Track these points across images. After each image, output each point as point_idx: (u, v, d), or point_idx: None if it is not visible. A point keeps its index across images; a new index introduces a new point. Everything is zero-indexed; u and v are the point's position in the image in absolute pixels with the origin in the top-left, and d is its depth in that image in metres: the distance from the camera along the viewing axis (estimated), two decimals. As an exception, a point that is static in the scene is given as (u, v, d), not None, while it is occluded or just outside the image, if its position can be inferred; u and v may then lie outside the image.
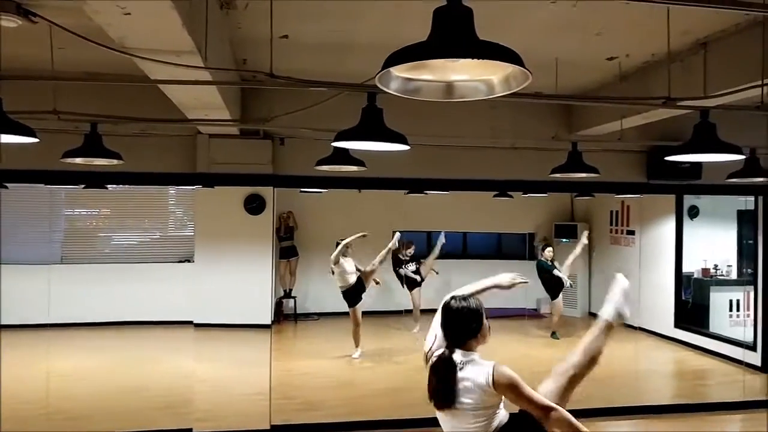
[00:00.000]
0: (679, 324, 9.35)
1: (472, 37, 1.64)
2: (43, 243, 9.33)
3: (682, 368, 8.79)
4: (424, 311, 9.01)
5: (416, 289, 9.22)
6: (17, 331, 7.23)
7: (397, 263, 9.27)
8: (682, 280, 9.46)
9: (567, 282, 9.37)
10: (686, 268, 9.48)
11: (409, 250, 9.22)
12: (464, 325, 2.78)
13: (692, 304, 9.54)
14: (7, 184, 7.58)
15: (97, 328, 8.73)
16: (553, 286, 9.41)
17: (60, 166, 5.19)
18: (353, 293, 8.29)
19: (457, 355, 2.75)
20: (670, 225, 9.48)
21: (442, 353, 2.77)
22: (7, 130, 3.70)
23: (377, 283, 8.65)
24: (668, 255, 9.46)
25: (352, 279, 8.29)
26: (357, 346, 8.23)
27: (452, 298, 2.86)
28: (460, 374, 2.70)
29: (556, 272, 9.34)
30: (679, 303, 9.45)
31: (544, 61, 5.28)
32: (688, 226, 9.41)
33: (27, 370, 6.36)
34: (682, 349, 9.07)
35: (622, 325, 3.12)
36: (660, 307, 9.39)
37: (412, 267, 9.26)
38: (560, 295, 9.50)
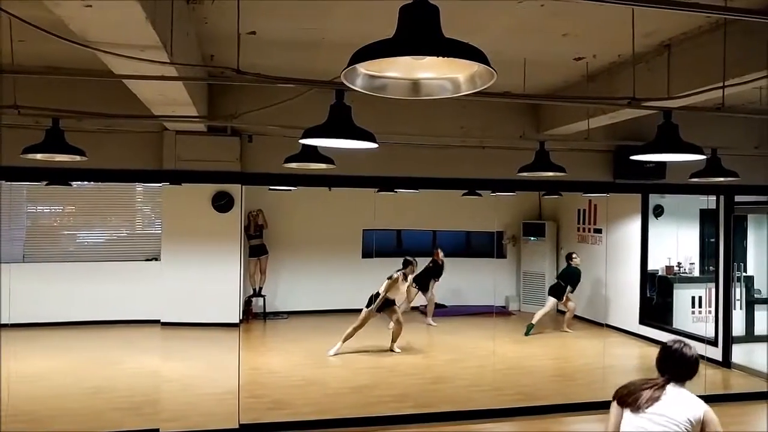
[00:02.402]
0: (644, 320, 9.53)
1: (437, 35, 1.64)
2: (4, 241, 9.10)
3: (647, 363, 8.91)
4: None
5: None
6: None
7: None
8: (647, 277, 9.64)
9: None
10: (651, 266, 9.67)
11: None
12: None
13: (657, 301, 9.72)
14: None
15: (61, 328, 8.55)
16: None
17: (21, 162, 5.07)
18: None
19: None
20: (635, 224, 9.65)
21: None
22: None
23: None
24: (634, 253, 9.63)
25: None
26: (343, 343, 8.23)
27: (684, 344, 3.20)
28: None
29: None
30: (644, 300, 9.62)
31: (513, 61, 5.31)
32: (653, 225, 9.58)
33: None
34: (647, 345, 9.24)
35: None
36: (626, 304, 9.55)
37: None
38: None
